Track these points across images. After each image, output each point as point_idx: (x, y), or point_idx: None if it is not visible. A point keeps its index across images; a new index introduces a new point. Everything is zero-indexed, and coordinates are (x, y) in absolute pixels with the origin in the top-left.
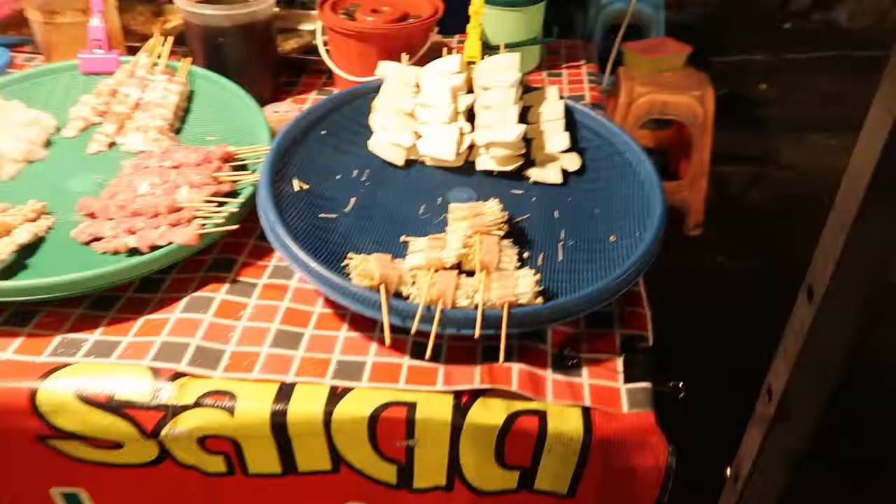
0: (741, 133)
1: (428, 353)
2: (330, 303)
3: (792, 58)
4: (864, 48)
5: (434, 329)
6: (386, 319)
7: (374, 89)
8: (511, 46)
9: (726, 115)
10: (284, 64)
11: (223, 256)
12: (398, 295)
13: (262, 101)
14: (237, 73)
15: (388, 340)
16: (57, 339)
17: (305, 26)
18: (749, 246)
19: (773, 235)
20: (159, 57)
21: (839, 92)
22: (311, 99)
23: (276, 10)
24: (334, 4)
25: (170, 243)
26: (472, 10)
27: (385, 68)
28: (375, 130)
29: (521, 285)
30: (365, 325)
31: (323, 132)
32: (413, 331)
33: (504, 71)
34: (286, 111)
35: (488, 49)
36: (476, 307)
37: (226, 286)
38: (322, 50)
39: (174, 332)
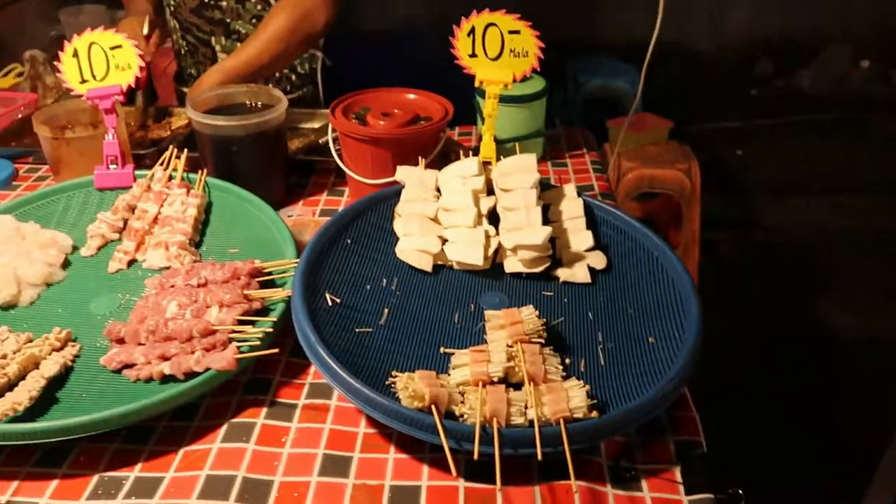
0: (722, 198)
1: (498, 482)
2: (373, 423)
3: (761, 123)
4: (828, 112)
5: (497, 453)
6: (446, 445)
7: (394, 194)
8: (517, 140)
9: (706, 181)
10: (291, 164)
11: (258, 377)
12: (449, 414)
13: (275, 204)
14: (250, 179)
15: (454, 471)
16: (95, 479)
17: (308, 125)
18: (744, 307)
19: (764, 296)
20: (174, 170)
21: (810, 154)
22: (323, 200)
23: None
24: (346, 108)
25: (207, 369)
26: (486, 112)
27: (404, 173)
28: (401, 237)
29: (574, 399)
30: (412, 445)
31: (348, 241)
32: (476, 456)
33: (523, 172)
34: (299, 214)
35: (498, 143)
36: (530, 424)
37: (264, 410)
38: (334, 153)
39: (218, 465)
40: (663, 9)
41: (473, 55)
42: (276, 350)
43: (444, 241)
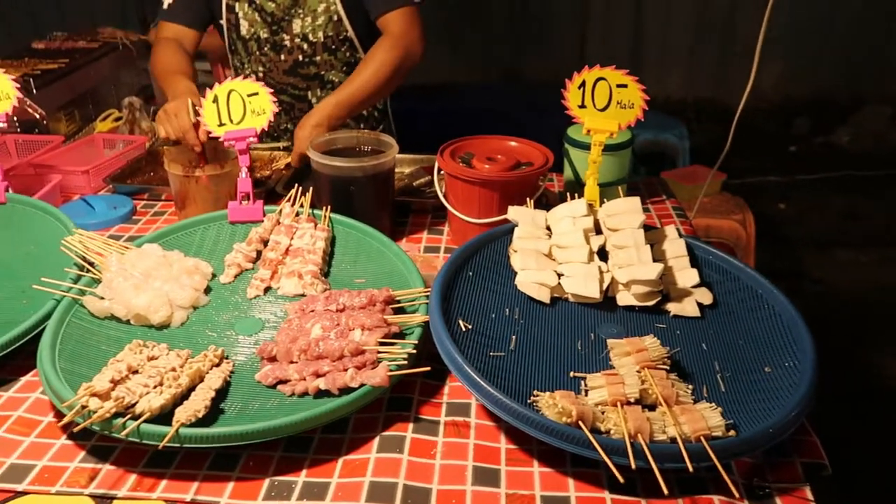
0: (770, 250)
1: (665, 489)
2: (514, 439)
3: (802, 178)
4: (867, 169)
5: (654, 465)
6: (605, 456)
7: (506, 232)
8: (605, 185)
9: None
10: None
11: (397, 395)
12: (592, 430)
13: None
14: (363, 216)
15: (621, 479)
16: (267, 483)
17: (399, 169)
18: None
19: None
20: (301, 206)
21: (853, 210)
22: (425, 238)
23: None
24: (452, 152)
25: (361, 385)
26: (591, 158)
27: (516, 213)
28: (519, 271)
29: (711, 419)
30: (555, 460)
31: (470, 273)
32: (633, 466)
33: (629, 213)
34: (406, 251)
35: (581, 187)
36: (671, 441)
37: (410, 425)
38: (440, 194)
39: (378, 473)
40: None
41: (582, 106)
42: (427, 368)
43: (560, 275)
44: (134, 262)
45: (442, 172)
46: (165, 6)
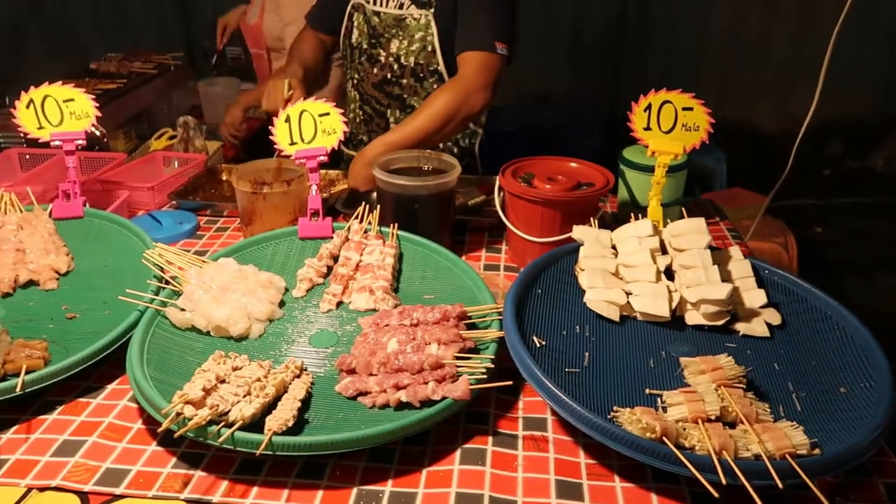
0: (810, 274)
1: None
2: (593, 454)
3: (838, 202)
4: None
5: (745, 481)
6: (694, 471)
7: (570, 251)
8: (663, 206)
9: None
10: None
11: (473, 409)
12: (676, 446)
13: None
14: (426, 234)
15: (715, 493)
16: (355, 492)
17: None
18: None
19: None
20: (370, 223)
21: (890, 233)
22: (484, 256)
23: None
24: (514, 172)
25: (443, 398)
26: (654, 180)
27: (580, 232)
28: (587, 289)
29: (794, 437)
30: (635, 475)
31: (538, 291)
32: (724, 482)
33: (694, 234)
34: None
35: (637, 208)
36: (756, 458)
37: (490, 438)
38: (501, 213)
39: (463, 484)
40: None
41: (648, 128)
42: (509, 382)
43: (628, 293)
44: (212, 275)
45: (502, 191)
46: (310, 9)
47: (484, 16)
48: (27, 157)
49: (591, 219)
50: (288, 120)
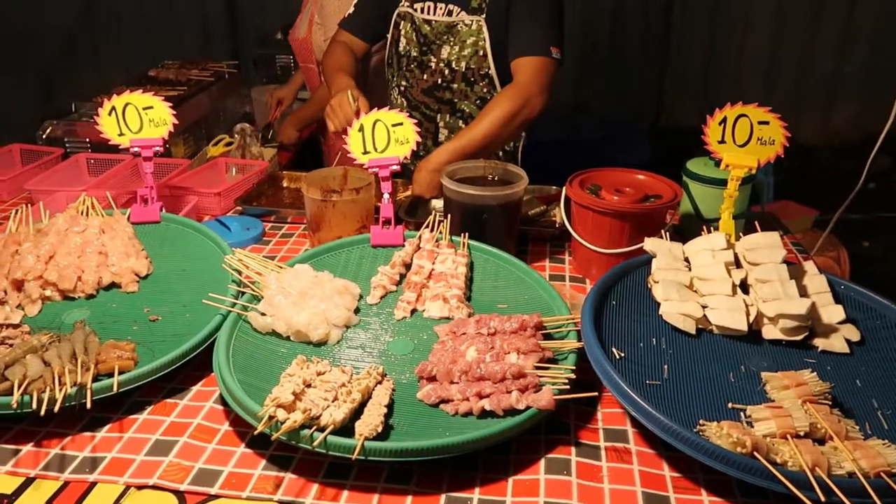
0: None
1: None
2: (677, 467)
3: (884, 216)
4: None
5: (844, 499)
6: (792, 487)
7: (642, 263)
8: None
9: None
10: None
11: (555, 419)
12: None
13: None
14: (492, 243)
15: None
16: (443, 498)
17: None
18: None
19: None
20: (440, 232)
21: None
22: (548, 266)
23: None
24: (581, 182)
25: (527, 408)
26: (727, 193)
27: (653, 244)
28: (662, 302)
29: (889, 455)
30: (722, 489)
31: (613, 303)
32: (822, 499)
33: (769, 248)
34: None
35: (702, 220)
36: (850, 475)
37: (573, 448)
38: (567, 223)
39: (551, 493)
40: None
41: (722, 141)
42: (594, 394)
43: (703, 306)
44: (290, 281)
45: (568, 202)
46: (346, 15)
47: (538, 21)
48: (92, 161)
49: (663, 231)
50: (361, 129)
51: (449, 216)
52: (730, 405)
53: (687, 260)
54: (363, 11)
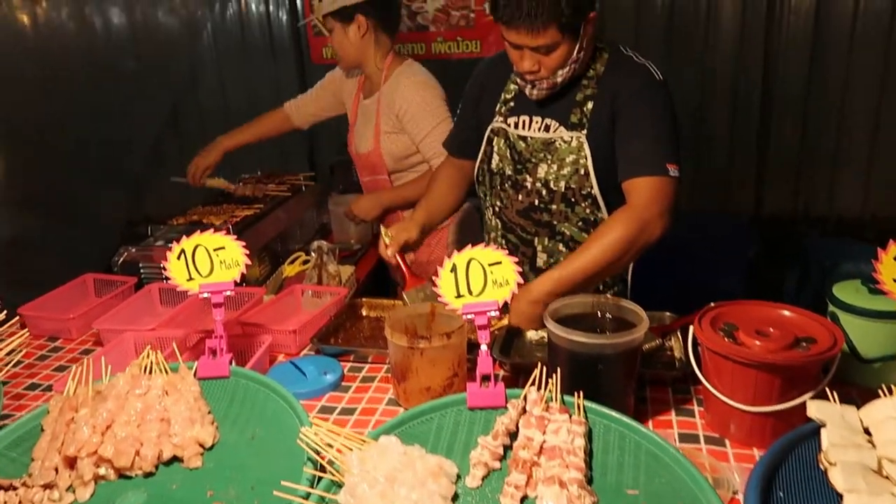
0: None
1: None
2: None
3: None
4: None
5: None
6: None
7: (806, 435)
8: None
9: None
10: None
11: None
12: None
13: None
14: (608, 398)
15: None
16: None
17: None
18: None
19: None
20: (549, 391)
21: None
22: (675, 421)
23: None
24: (711, 321)
25: None
26: None
27: (819, 409)
28: (844, 493)
29: None
30: None
31: (780, 494)
32: None
33: None
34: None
35: (861, 361)
36: None
37: None
38: (698, 372)
39: None
40: None
41: None
42: None
43: None
44: (375, 461)
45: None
46: (447, 137)
47: (651, 137)
48: (165, 291)
49: (830, 391)
50: (454, 269)
51: (551, 362)
52: None
53: (867, 430)
54: (462, 131)
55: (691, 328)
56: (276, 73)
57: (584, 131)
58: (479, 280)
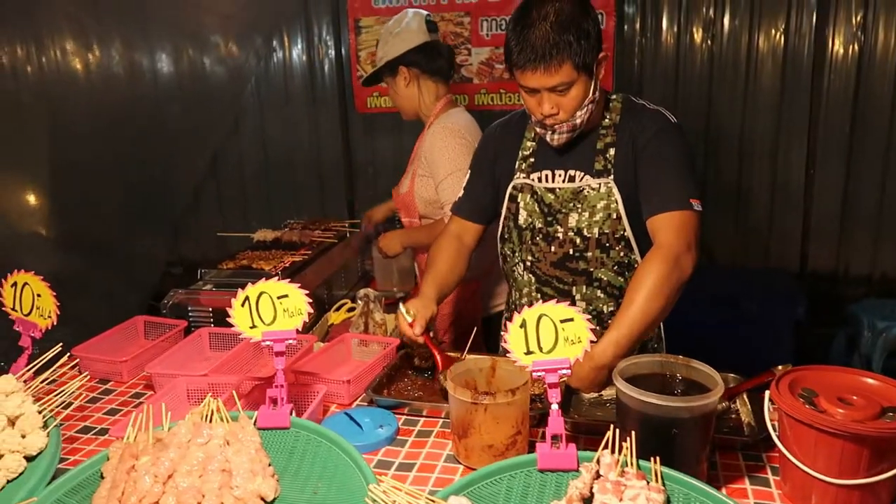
0: None
1: None
2: None
3: None
4: None
5: None
6: None
7: None
8: None
9: None
10: None
11: None
12: None
13: None
14: (682, 463)
15: None
16: None
17: None
18: None
19: None
20: (621, 454)
21: None
22: (750, 491)
23: None
24: (790, 385)
25: None
26: None
27: None
28: None
29: None
30: None
31: None
32: None
33: None
34: None
35: None
36: None
37: None
38: (776, 439)
39: None
40: None
41: None
42: None
43: None
44: None
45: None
46: (457, 198)
47: (673, 175)
48: (215, 335)
49: None
50: (524, 325)
51: (623, 426)
52: None
53: None
54: (474, 195)
55: (767, 393)
56: (317, 122)
57: (611, 176)
58: (550, 337)
